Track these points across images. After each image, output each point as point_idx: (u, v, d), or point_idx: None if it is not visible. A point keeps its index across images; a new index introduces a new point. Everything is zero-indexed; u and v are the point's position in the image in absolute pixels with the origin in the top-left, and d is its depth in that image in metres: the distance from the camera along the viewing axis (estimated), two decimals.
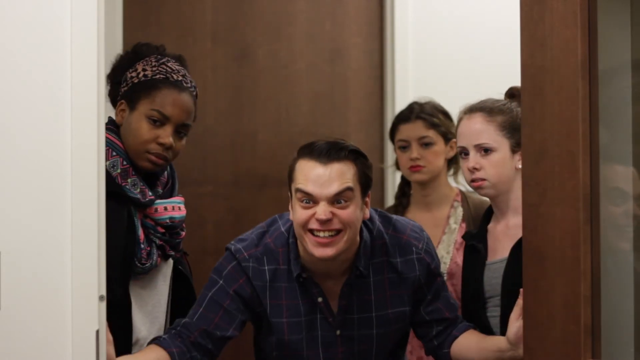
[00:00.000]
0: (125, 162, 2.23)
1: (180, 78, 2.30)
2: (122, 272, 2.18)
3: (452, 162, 3.08)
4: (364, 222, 2.33)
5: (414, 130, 3.03)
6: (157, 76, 2.27)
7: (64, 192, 1.88)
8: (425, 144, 3.02)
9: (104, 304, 1.90)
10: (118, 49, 3.53)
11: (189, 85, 2.32)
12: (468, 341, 2.35)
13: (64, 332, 1.87)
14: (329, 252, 2.20)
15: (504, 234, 2.37)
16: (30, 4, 1.87)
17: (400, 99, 3.86)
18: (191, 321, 2.29)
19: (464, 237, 2.53)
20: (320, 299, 2.30)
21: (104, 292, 1.90)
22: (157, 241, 2.28)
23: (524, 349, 1.82)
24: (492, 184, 2.35)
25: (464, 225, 2.95)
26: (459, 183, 3.05)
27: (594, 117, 1.64)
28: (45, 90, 1.88)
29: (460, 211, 3.00)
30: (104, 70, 1.97)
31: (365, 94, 3.95)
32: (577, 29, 1.65)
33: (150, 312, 2.31)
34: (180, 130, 2.29)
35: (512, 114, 2.36)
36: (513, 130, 2.33)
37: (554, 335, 1.69)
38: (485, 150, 2.35)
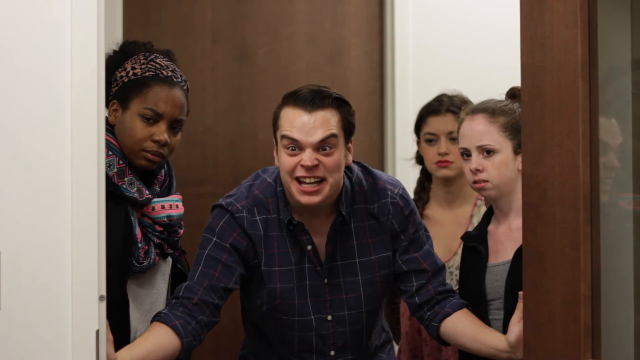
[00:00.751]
0: (121, 162, 2.23)
1: (170, 74, 2.29)
2: (120, 271, 2.17)
3: None
4: (345, 168, 2.39)
5: (444, 123, 2.92)
6: (147, 73, 2.26)
7: (64, 192, 1.88)
8: (454, 139, 2.86)
9: (104, 304, 1.90)
10: None
11: (179, 80, 2.31)
12: (462, 325, 2.33)
13: (64, 332, 1.87)
14: (314, 199, 2.28)
15: (507, 236, 2.36)
16: (30, 4, 1.87)
17: (400, 99, 3.86)
18: (192, 282, 2.30)
19: (462, 237, 2.52)
20: (309, 247, 2.35)
21: (104, 292, 1.90)
22: (155, 240, 2.28)
23: (524, 349, 1.82)
24: (495, 185, 2.34)
25: None
26: None
27: (594, 117, 1.64)
28: (45, 90, 1.88)
29: (483, 210, 2.86)
30: (104, 70, 1.97)
31: (365, 94, 3.95)
32: (577, 29, 1.65)
33: (148, 310, 2.30)
34: (174, 125, 2.29)
35: (515, 115, 2.35)
36: (515, 132, 2.32)
37: (554, 335, 1.69)
38: (488, 152, 2.34)
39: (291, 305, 2.37)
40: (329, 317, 2.39)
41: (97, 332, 1.88)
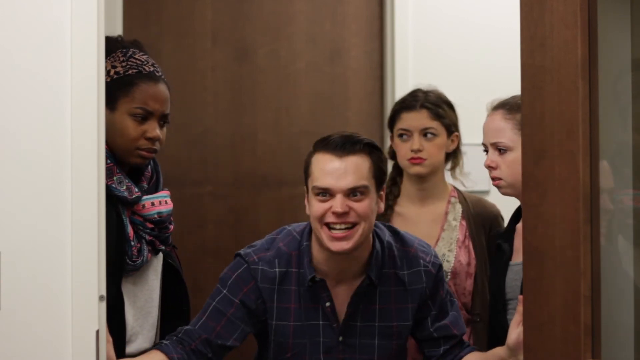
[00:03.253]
0: (109, 161, 2.22)
1: (152, 68, 2.28)
2: (114, 271, 2.17)
3: (451, 156, 2.93)
4: (375, 232, 2.35)
5: (418, 119, 2.85)
6: (130, 71, 2.25)
7: (64, 192, 1.88)
8: (428, 136, 2.84)
9: (104, 304, 1.90)
10: None
11: (160, 73, 2.31)
12: (470, 357, 2.37)
13: (64, 332, 1.87)
14: (344, 245, 2.23)
15: None
16: (30, 4, 1.87)
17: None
18: (193, 329, 2.30)
19: (491, 235, 2.52)
20: (328, 304, 2.30)
21: (104, 292, 1.90)
22: (147, 237, 2.28)
23: (524, 348, 1.82)
24: (509, 183, 2.33)
25: (464, 222, 2.86)
26: (456, 178, 2.97)
27: (594, 117, 1.64)
28: (45, 90, 1.88)
29: (459, 208, 2.89)
30: (104, 70, 1.97)
31: (365, 94, 3.95)
32: (577, 29, 1.65)
33: (142, 307, 2.30)
34: (162, 120, 2.29)
35: None
36: None
37: (554, 335, 1.69)
38: (502, 150, 2.34)
39: None
40: None
41: (97, 332, 1.88)
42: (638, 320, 1.65)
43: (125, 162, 2.26)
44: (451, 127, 2.87)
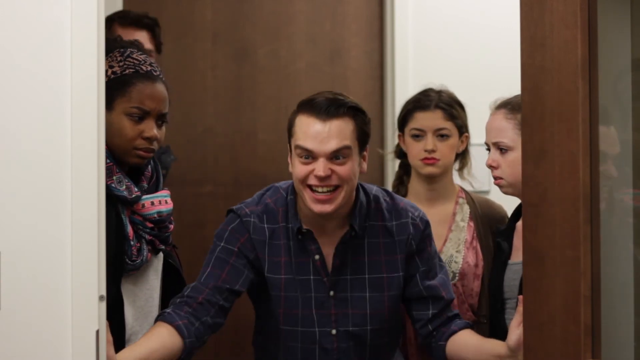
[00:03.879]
0: (108, 160, 2.22)
1: (149, 68, 2.28)
2: (114, 270, 2.17)
3: (460, 157, 2.92)
4: (360, 184, 2.39)
5: (432, 120, 2.83)
6: (127, 71, 2.25)
7: (64, 192, 1.88)
8: (442, 136, 2.83)
9: (104, 304, 1.90)
10: None
11: (158, 73, 2.30)
12: (466, 340, 2.34)
13: (64, 332, 1.87)
14: (327, 208, 2.28)
15: None
16: (30, 4, 1.87)
17: (400, 99, 3.85)
18: (198, 283, 2.33)
19: (493, 231, 2.51)
20: (317, 256, 2.35)
21: (104, 292, 1.90)
22: (147, 236, 2.28)
23: (524, 349, 1.82)
24: (509, 183, 2.33)
25: (472, 223, 2.84)
26: (464, 179, 2.97)
27: (594, 117, 1.64)
28: (45, 90, 1.88)
29: (466, 209, 2.88)
30: (104, 70, 1.97)
31: (365, 94, 3.95)
32: (577, 29, 1.65)
33: (142, 307, 2.30)
34: (160, 119, 2.29)
35: None
36: None
37: (554, 335, 1.69)
38: (503, 149, 2.34)
39: (295, 316, 2.36)
40: (333, 331, 2.37)
41: (97, 332, 1.88)
42: (638, 320, 1.65)
43: (123, 161, 2.26)
44: (462, 128, 2.87)
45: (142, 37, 3.21)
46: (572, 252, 1.65)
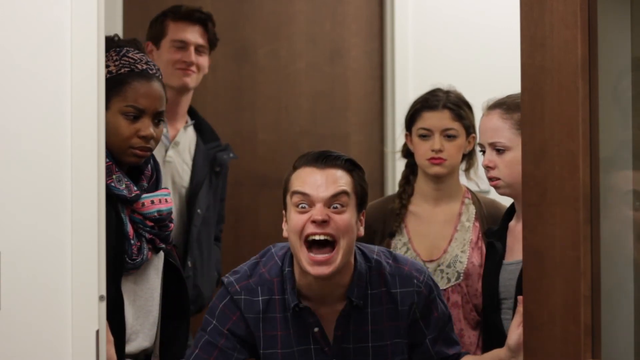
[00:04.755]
0: (107, 159, 2.22)
1: (144, 66, 2.28)
2: (114, 270, 2.17)
3: (467, 157, 2.92)
4: (360, 250, 2.31)
5: (440, 120, 2.82)
6: (122, 70, 2.25)
7: (64, 192, 1.88)
8: (449, 136, 2.82)
9: (104, 304, 1.90)
10: None
11: (154, 71, 2.30)
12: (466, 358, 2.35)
13: (64, 332, 1.87)
14: (325, 270, 2.18)
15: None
16: (30, 4, 1.87)
17: (400, 99, 3.86)
18: None
19: (485, 233, 2.51)
20: (316, 329, 2.26)
21: (104, 292, 1.90)
22: (147, 235, 2.28)
23: (524, 349, 1.82)
24: (507, 183, 2.32)
25: (477, 224, 2.84)
26: (470, 179, 2.97)
27: (594, 117, 1.64)
28: (45, 90, 1.88)
29: (472, 209, 2.87)
30: (104, 70, 1.97)
31: (365, 94, 3.95)
32: (577, 29, 1.65)
33: (142, 306, 2.30)
34: (157, 117, 2.28)
35: None
36: None
37: (554, 335, 1.69)
38: (500, 149, 2.33)
39: None
40: None
41: (97, 332, 1.89)
42: (638, 320, 1.65)
43: (121, 161, 2.26)
44: (470, 129, 2.86)
45: (194, 31, 3.19)
46: (572, 252, 1.65)
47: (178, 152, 3.19)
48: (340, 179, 2.21)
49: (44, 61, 1.88)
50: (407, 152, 2.95)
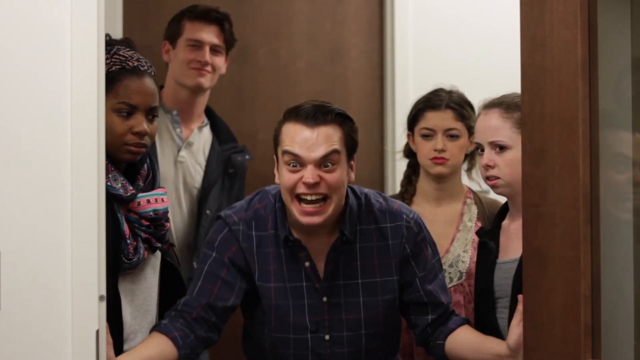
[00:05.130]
0: None
1: (135, 63, 2.28)
2: (110, 269, 2.17)
3: (469, 157, 2.94)
4: (351, 188, 2.36)
5: (442, 119, 2.84)
6: (113, 68, 2.25)
7: (64, 192, 1.88)
8: (452, 136, 2.84)
9: (104, 304, 1.90)
10: None
11: (145, 67, 2.30)
12: (464, 338, 2.33)
13: (64, 332, 1.87)
14: (315, 219, 2.24)
15: (518, 234, 2.34)
16: (30, 4, 1.87)
17: (400, 99, 3.86)
18: (191, 297, 2.30)
19: (477, 232, 2.51)
20: (307, 263, 2.32)
21: (104, 292, 1.90)
22: (143, 235, 2.28)
23: (524, 349, 1.82)
24: (507, 182, 2.32)
25: (479, 224, 2.84)
26: (472, 180, 2.97)
27: (594, 117, 1.64)
28: (45, 90, 1.88)
29: (474, 209, 2.88)
30: (104, 70, 1.97)
31: (365, 94, 3.95)
32: (577, 29, 1.65)
33: (140, 305, 2.30)
34: (150, 114, 2.28)
35: None
36: None
37: (554, 335, 1.69)
38: (500, 148, 2.33)
39: (286, 323, 2.33)
40: (327, 337, 2.34)
41: (97, 332, 1.88)
42: (638, 320, 1.65)
43: (117, 159, 2.26)
44: (472, 129, 2.85)
45: (210, 31, 3.19)
46: (572, 252, 1.65)
47: (191, 152, 3.18)
48: (332, 137, 2.25)
49: (44, 61, 1.88)
50: (409, 152, 2.96)
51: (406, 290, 2.39)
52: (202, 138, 3.24)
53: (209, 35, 3.18)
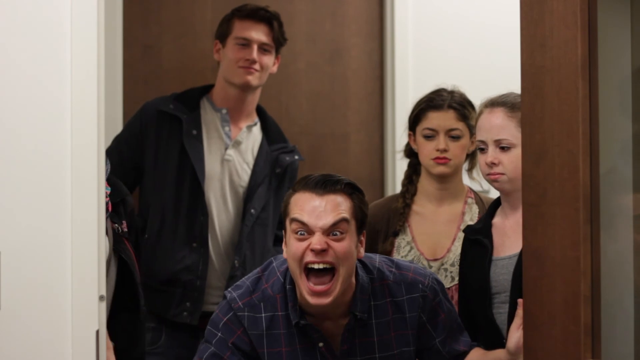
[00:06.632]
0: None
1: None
2: None
3: (470, 157, 2.92)
4: (362, 264, 2.29)
5: (445, 120, 2.83)
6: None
7: (64, 192, 1.88)
8: (454, 137, 2.83)
9: (104, 304, 1.91)
10: (118, 49, 3.53)
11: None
12: (469, 357, 2.34)
13: (64, 332, 1.87)
14: (324, 300, 2.16)
15: (514, 230, 2.35)
16: (30, 4, 1.87)
17: (400, 99, 3.86)
18: None
19: (465, 230, 2.51)
20: (321, 344, 2.24)
21: (104, 292, 1.91)
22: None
23: (524, 349, 1.82)
24: (510, 179, 2.34)
25: None
26: (473, 179, 2.97)
27: (594, 117, 1.64)
28: (45, 90, 1.88)
29: (475, 209, 2.88)
30: (104, 70, 1.97)
31: (365, 94, 3.95)
32: (577, 29, 1.65)
33: None
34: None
35: None
36: None
37: (554, 335, 1.69)
38: (505, 146, 2.35)
39: None
40: None
41: (97, 332, 1.89)
42: (638, 320, 1.65)
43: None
44: (473, 129, 2.81)
45: (259, 30, 3.17)
46: (572, 252, 1.65)
47: (239, 151, 3.17)
48: (340, 205, 2.19)
49: (44, 61, 1.88)
50: (410, 152, 2.96)
51: (426, 355, 2.35)
52: (250, 137, 3.22)
53: (258, 33, 3.16)
